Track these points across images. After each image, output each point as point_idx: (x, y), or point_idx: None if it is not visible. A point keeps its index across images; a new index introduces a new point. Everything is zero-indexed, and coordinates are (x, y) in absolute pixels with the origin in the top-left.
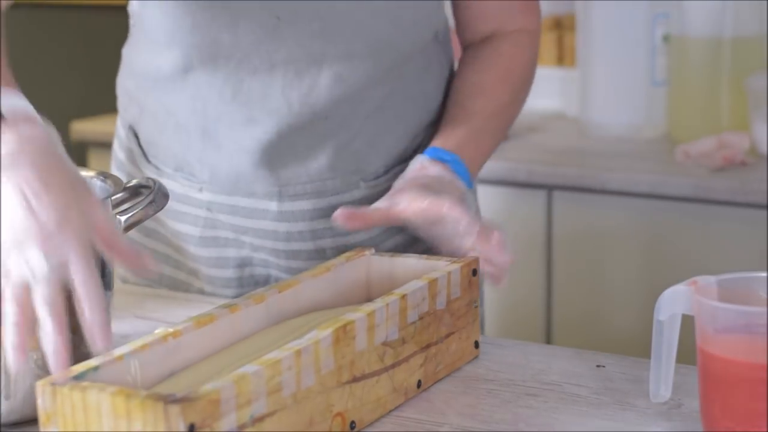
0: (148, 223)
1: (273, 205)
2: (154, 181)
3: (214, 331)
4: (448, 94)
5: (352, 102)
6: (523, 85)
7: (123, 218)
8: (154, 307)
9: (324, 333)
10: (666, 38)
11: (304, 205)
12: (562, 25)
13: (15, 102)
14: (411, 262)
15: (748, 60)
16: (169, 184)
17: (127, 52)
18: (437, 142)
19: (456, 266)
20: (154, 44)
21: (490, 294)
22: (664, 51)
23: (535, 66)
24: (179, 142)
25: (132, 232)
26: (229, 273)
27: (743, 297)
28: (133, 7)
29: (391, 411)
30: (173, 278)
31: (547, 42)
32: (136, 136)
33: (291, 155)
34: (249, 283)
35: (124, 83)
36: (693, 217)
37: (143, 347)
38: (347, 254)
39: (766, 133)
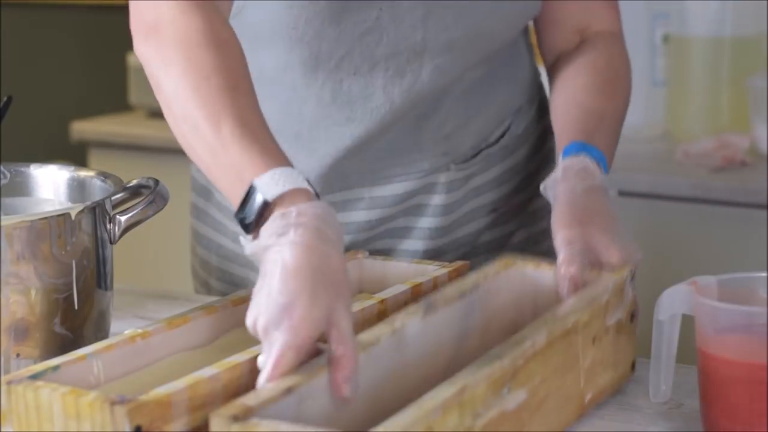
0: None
1: (365, 192)
2: (155, 181)
3: (189, 333)
4: (556, 98)
5: (445, 89)
6: (628, 85)
7: (123, 218)
8: (155, 308)
9: None
10: (666, 38)
11: (395, 189)
12: None
13: (292, 176)
14: (403, 266)
15: (748, 60)
16: None
17: None
18: (570, 137)
19: (444, 271)
20: (254, 42)
21: None
22: (664, 51)
23: (630, 67)
24: None
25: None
26: None
27: (743, 297)
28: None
29: None
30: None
31: None
32: None
33: (386, 144)
34: None
35: None
36: (693, 217)
37: (108, 348)
38: None
39: (766, 133)
